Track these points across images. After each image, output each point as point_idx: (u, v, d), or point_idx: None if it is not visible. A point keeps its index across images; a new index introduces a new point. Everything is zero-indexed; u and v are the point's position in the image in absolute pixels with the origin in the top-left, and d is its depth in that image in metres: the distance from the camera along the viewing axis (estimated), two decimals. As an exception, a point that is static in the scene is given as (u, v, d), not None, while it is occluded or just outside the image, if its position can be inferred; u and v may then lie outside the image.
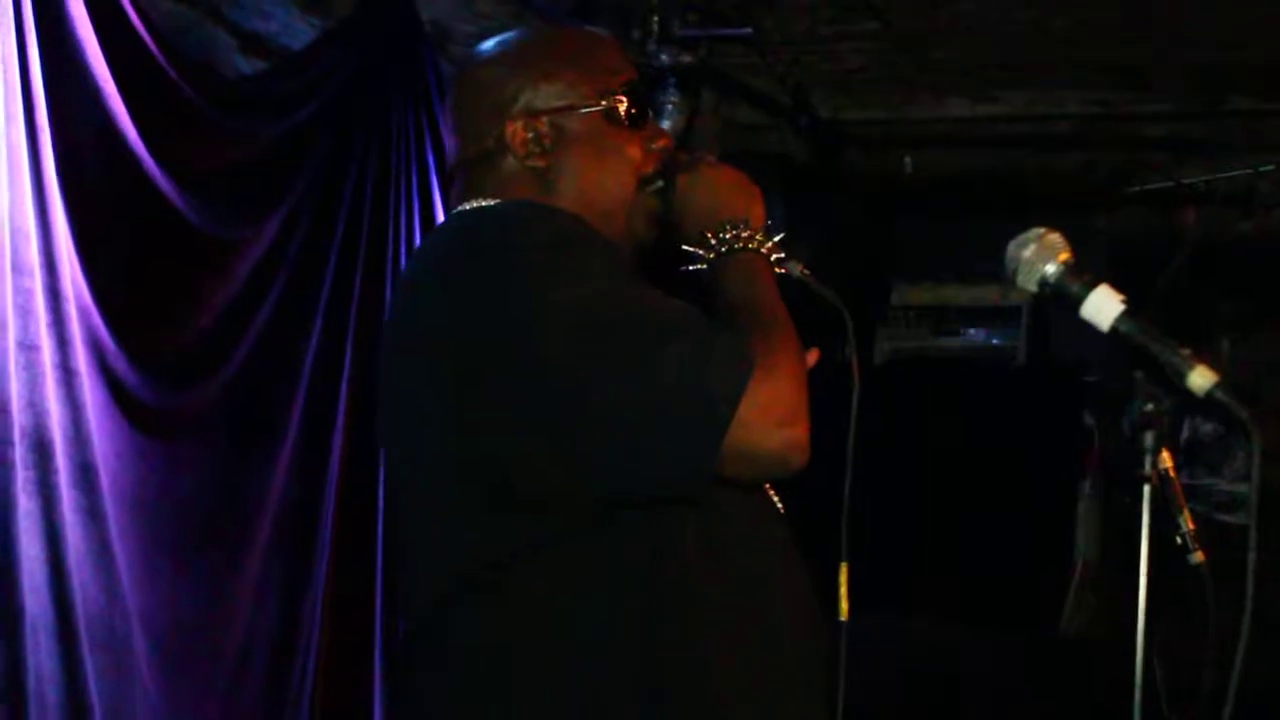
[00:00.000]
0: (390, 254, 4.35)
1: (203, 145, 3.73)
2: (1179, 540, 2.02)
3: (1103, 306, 2.03)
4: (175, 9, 3.96)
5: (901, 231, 7.84)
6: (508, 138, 2.21)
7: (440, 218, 4.59)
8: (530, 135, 2.21)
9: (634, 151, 2.24)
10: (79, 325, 3.32)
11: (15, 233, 3.15)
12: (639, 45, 5.72)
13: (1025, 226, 2.17)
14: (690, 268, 2.17)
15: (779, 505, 2.24)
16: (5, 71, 3.14)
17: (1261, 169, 6.90)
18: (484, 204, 2.19)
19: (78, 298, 3.32)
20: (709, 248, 2.15)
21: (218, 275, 3.77)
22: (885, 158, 7.47)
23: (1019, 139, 7.11)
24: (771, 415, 1.88)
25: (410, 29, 4.47)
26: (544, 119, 2.21)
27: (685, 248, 2.18)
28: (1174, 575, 2.01)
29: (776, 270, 2.16)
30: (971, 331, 7.27)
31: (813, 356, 2.14)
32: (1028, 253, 2.09)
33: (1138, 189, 7.28)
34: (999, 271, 2.15)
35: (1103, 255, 6.93)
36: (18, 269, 3.16)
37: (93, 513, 3.36)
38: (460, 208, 2.23)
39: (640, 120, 2.26)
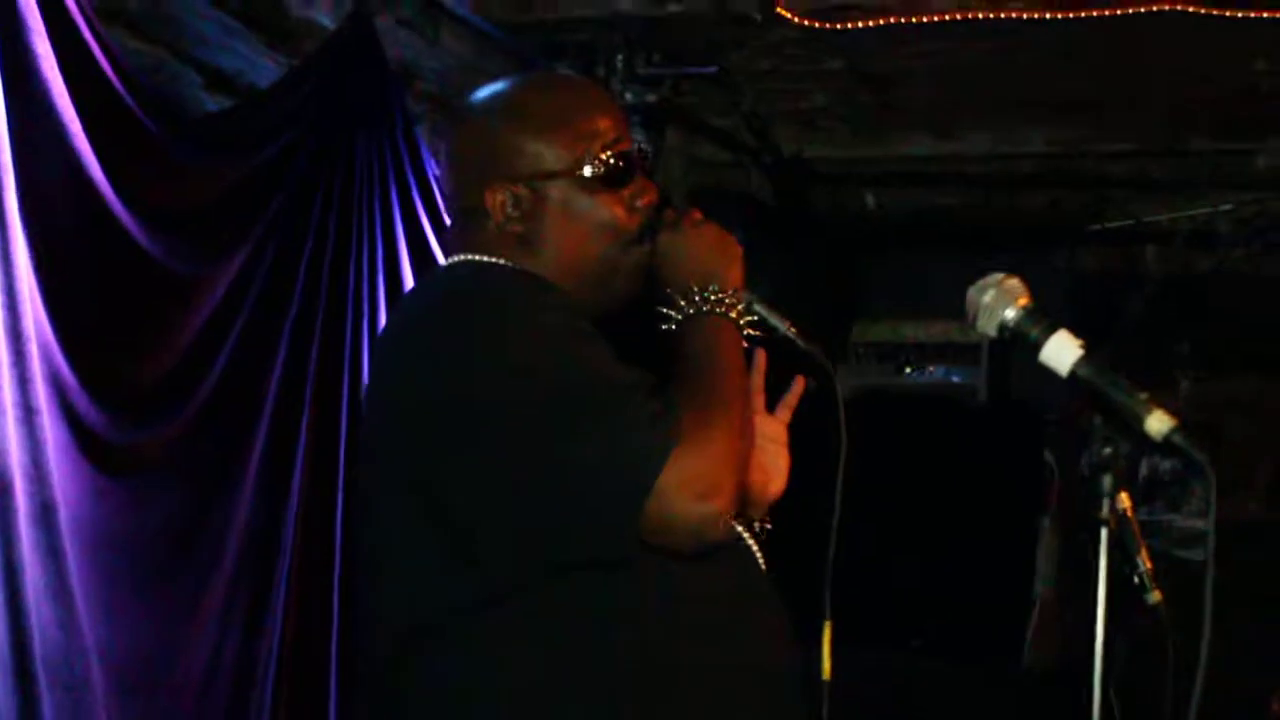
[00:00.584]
0: (351, 291, 4.35)
1: (168, 182, 3.73)
2: (1136, 580, 2.04)
3: (1061, 352, 2.06)
4: (141, 47, 3.96)
5: (863, 268, 7.87)
6: (486, 202, 2.23)
7: (404, 254, 4.60)
8: (509, 200, 2.22)
9: (617, 212, 2.24)
10: (41, 363, 3.31)
11: (-24, 272, 3.15)
12: (604, 83, 5.75)
13: (987, 264, 2.19)
14: (663, 327, 2.19)
15: (756, 551, 2.26)
16: (-31, 109, 3.14)
17: (1222, 208, 6.96)
18: (462, 259, 2.23)
19: (39, 335, 3.31)
20: (679, 309, 2.17)
21: (181, 312, 3.76)
22: (848, 195, 7.51)
23: (981, 178, 7.16)
24: (690, 489, 1.92)
25: (376, 67, 4.48)
26: (522, 185, 2.22)
27: (659, 308, 2.20)
28: (1132, 611, 2.03)
29: (747, 332, 2.18)
30: (932, 369, 7.29)
31: (798, 386, 2.29)
32: (987, 298, 2.11)
33: (1099, 228, 7.33)
34: (960, 309, 2.17)
35: (1064, 293, 6.97)
36: (-22, 308, 3.16)
37: (51, 551, 3.34)
38: (445, 261, 2.29)
39: (622, 180, 2.26)
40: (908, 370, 7.29)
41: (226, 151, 3.94)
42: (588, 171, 2.23)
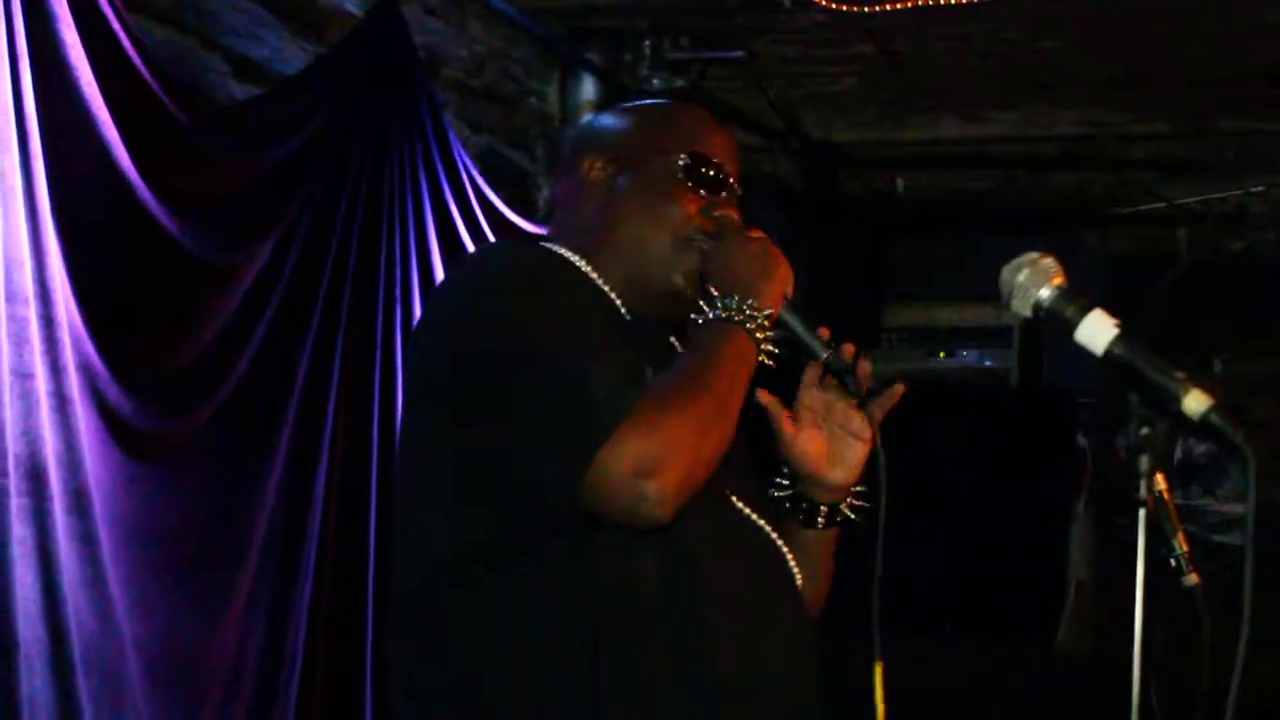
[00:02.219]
0: (382, 278, 4.35)
1: (196, 171, 3.73)
2: (1173, 563, 2.02)
3: (1097, 331, 2.04)
4: (169, 35, 3.96)
5: (893, 252, 7.85)
6: (584, 170, 2.36)
7: (433, 240, 4.60)
8: (602, 173, 2.35)
9: (689, 210, 2.30)
10: (72, 352, 3.31)
11: (9, 261, 3.15)
12: (631, 69, 5.75)
13: (1017, 247, 2.18)
14: (689, 329, 2.23)
15: (776, 539, 2.26)
16: (-2, 98, 3.14)
17: (1253, 189, 6.92)
18: (497, 242, 2.38)
19: (71, 325, 3.32)
20: (707, 310, 2.20)
21: (211, 300, 3.77)
22: (877, 179, 7.50)
23: (1010, 160, 7.13)
24: (627, 465, 1.94)
25: (404, 54, 4.48)
26: (618, 160, 2.35)
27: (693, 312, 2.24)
28: (1170, 595, 2.02)
29: (764, 348, 2.19)
30: (964, 353, 7.27)
31: (898, 389, 2.33)
32: (1021, 277, 2.10)
33: (1130, 210, 7.30)
34: (991, 292, 2.15)
35: (1095, 275, 6.95)
36: (11, 297, 3.16)
37: (86, 538, 3.35)
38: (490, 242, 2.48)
39: (708, 187, 2.33)
40: (939, 354, 7.27)
41: (255, 140, 3.94)
42: (679, 161, 2.32)
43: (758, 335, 2.17)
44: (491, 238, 4.72)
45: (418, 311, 4.44)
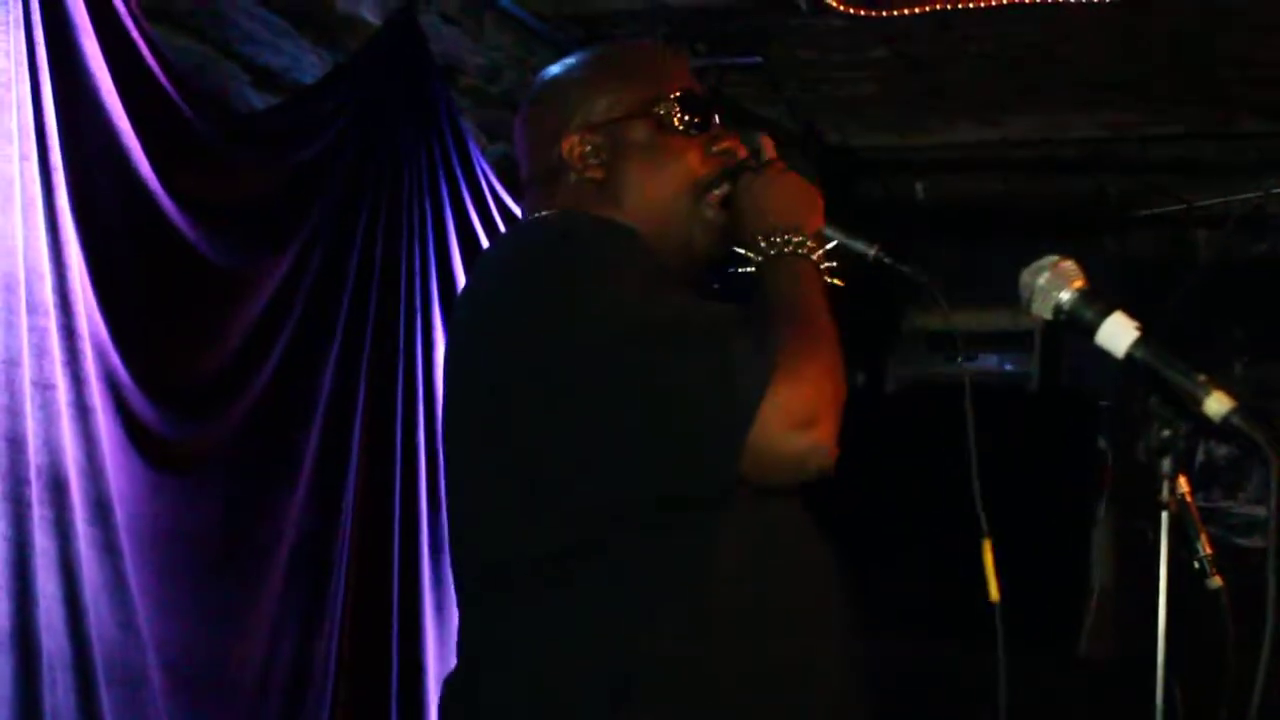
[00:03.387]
0: (404, 285, 4.36)
1: (217, 179, 3.74)
2: (1196, 565, 2.02)
3: (1117, 334, 2.04)
4: (188, 44, 3.97)
5: (911, 256, 7.83)
6: (565, 153, 2.26)
7: (454, 246, 4.61)
8: (587, 149, 2.26)
9: (692, 158, 2.26)
10: (94, 362, 3.32)
11: (30, 272, 3.16)
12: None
13: (1035, 250, 2.17)
14: (740, 270, 2.19)
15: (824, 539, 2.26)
16: (19, 110, 3.14)
17: (1273, 191, 6.90)
18: (544, 214, 2.25)
19: (93, 335, 3.33)
20: (759, 251, 2.16)
21: (233, 309, 3.78)
22: (895, 183, 7.49)
23: (1028, 163, 7.12)
24: (791, 418, 1.90)
25: (421, 62, 4.49)
26: (599, 131, 2.26)
27: (736, 250, 2.20)
28: (1192, 599, 2.01)
29: (826, 279, 2.17)
30: (984, 357, 7.26)
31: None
32: (1042, 280, 2.09)
33: (1149, 212, 7.28)
34: (1011, 296, 2.15)
35: (1114, 278, 6.93)
36: (33, 308, 3.17)
37: (108, 548, 3.36)
38: (523, 220, 2.33)
39: (697, 126, 2.28)
40: (958, 359, 7.26)
41: (275, 148, 3.96)
42: (660, 111, 2.26)
43: (821, 264, 2.17)
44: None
45: (437, 316, 4.44)
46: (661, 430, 1.93)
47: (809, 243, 2.16)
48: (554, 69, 2.38)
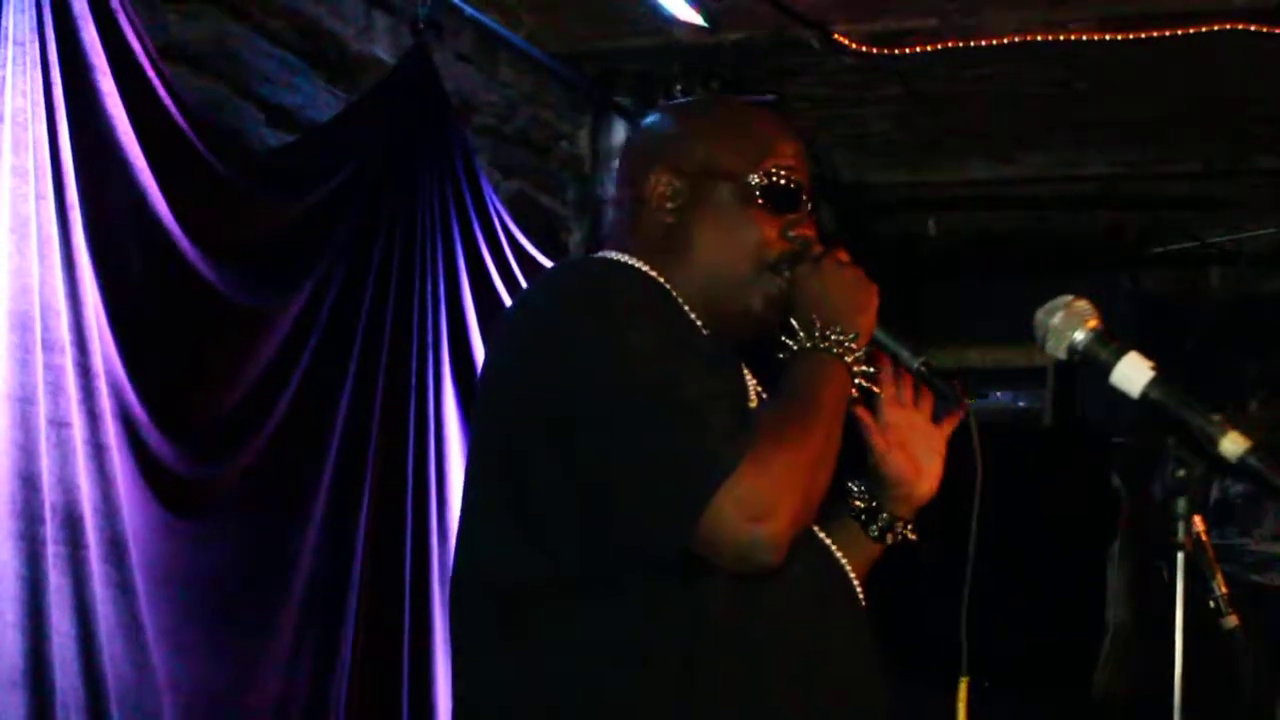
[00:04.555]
0: (415, 323, 4.36)
1: (232, 217, 3.75)
2: (1212, 604, 2.01)
3: (1132, 374, 2.03)
4: (203, 84, 4.00)
5: (925, 293, 7.84)
6: (648, 187, 2.25)
7: (465, 284, 4.61)
8: (668, 190, 2.24)
9: (767, 233, 2.23)
10: (110, 400, 3.33)
11: (45, 309, 3.16)
12: (661, 113, 5.74)
13: (1049, 288, 2.17)
14: (779, 355, 2.17)
15: (854, 580, 2.25)
16: (35, 149, 3.16)
17: (1286, 228, 6.90)
18: (600, 256, 2.27)
19: (108, 372, 3.33)
20: (798, 340, 2.15)
21: (249, 346, 3.78)
22: (908, 220, 7.49)
23: (1042, 200, 7.13)
24: (743, 508, 1.90)
25: (435, 100, 4.50)
26: (686, 178, 2.24)
27: (783, 337, 2.18)
28: (1208, 637, 2.00)
29: (859, 381, 2.16)
30: (997, 394, 7.26)
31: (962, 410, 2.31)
32: (1056, 320, 2.09)
33: (1163, 249, 7.28)
34: (1024, 333, 2.15)
35: (1129, 314, 6.93)
36: (48, 346, 3.17)
37: (123, 587, 3.36)
38: (573, 256, 2.37)
39: (784, 205, 2.25)
40: (972, 397, 7.26)
41: (289, 186, 3.97)
42: (753, 181, 2.24)
43: (855, 368, 2.15)
44: (523, 281, 4.73)
45: (446, 354, 4.45)
46: (625, 492, 1.96)
47: (849, 343, 2.15)
48: (676, 103, 2.46)
